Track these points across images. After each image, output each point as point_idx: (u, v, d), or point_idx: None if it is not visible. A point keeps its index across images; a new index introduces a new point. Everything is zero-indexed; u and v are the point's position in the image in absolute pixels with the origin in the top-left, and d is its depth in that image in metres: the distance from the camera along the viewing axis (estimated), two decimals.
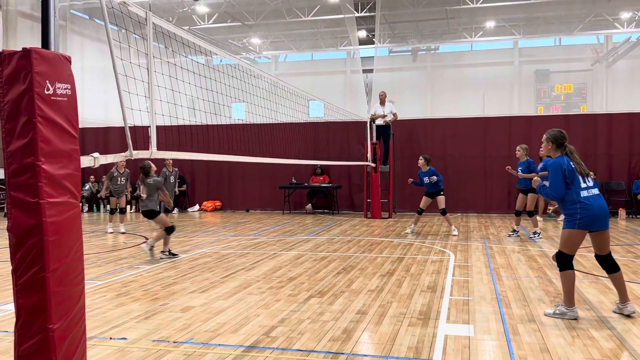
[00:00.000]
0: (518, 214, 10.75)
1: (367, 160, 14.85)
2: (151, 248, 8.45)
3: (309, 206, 16.60)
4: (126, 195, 12.82)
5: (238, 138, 16.47)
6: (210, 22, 23.45)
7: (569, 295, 5.14)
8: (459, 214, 15.30)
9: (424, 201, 11.48)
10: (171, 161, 12.94)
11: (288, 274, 7.23)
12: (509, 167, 10.95)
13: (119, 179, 12.31)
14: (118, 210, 12.37)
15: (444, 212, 11.37)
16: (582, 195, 5.09)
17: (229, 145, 15.70)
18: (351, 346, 4.40)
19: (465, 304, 5.69)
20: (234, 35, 26.75)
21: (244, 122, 17.67)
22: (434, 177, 11.16)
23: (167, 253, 8.68)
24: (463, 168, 15.39)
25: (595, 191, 5.17)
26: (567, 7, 22.22)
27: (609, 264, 5.25)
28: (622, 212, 14.21)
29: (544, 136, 5.43)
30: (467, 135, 15.92)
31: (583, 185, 5.12)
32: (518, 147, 10.62)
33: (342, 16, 21.91)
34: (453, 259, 8.40)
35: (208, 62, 8.82)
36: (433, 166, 11.60)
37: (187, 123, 7.86)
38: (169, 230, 8.56)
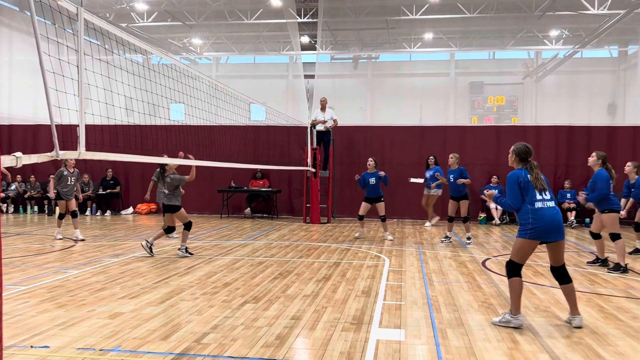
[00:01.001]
0: (451, 220, 11.08)
1: (307, 165, 14.90)
2: (185, 249, 9.04)
3: (247, 210, 16.47)
4: (76, 197, 11.60)
5: (175, 140, 16.15)
6: (149, 21, 22.91)
7: (514, 303, 5.19)
8: (395, 220, 15.59)
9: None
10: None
11: (223, 280, 7.13)
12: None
13: (69, 179, 11.06)
14: (71, 214, 11.12)
15: (383, 219, 11.62)
16: (535, 206, 5.20)
17: (165, 146, 15.38)
18: (284, 352, 4.39)
19: (398, 308, 5.80)
20: (174, 34, 26.25)
21: (183, 124, 17.37)
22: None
23: (184, 251, 9.01)
24: (400, 175, 15.70)
25: (551, 204, 5.24)
26: (501, 23, 23.19)
27: (561, 275, 5.34)
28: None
29: (511, 148, 5.58)
30: (404, 142, 16.28)
31: (538, 197, 5.22)
32: (451, 155, 11.04)
33: (284, 21, 21.93)
34: (388, 264, 8.55)
35: (146, 62, 8.61)
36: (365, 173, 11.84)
37: (122, 123, 7.62)
38: (188, 226, 9.10)
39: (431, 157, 14.43)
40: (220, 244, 10.63)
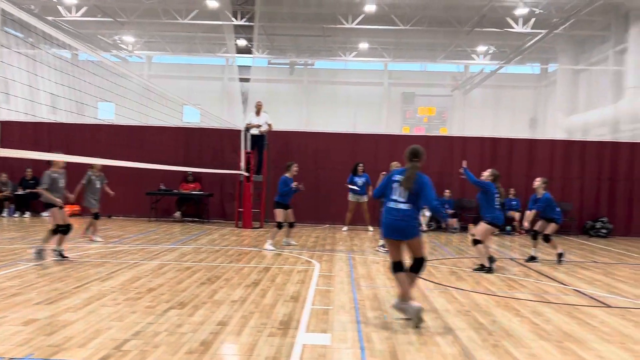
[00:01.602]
0: None
1: (240, 169, 14.76)
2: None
3: (177, 214, 16.09)
4: None
5: (103, 139, 15.58)
6: (78, 15, 22.00)
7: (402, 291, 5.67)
8: (327, 226, 15.71)
9: None
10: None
11: (148, 285, 6.93)
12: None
13: None
14: None
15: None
16: (386, 205, 5.67)
17: (92, 146, 14.79)
18: (208, 358, 4.32)
19: (325, 313, 5.85)
20: (105, 31, 25.38)
21: (111, 123, 16.78)
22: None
23: (56, 254, 8.51)
24: (333, 181, 15.84)
25: (400, 205, 5.55)
26: (432, 36, 23.99)
27: (415, 265, 5.74)
28: (471, 228, 15.49)
29: None
30: (338, 149, 16.46)
31: (393, 197, 5.63)
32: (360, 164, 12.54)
33: (220, 23, 21.69)
34: (318, 269, 8.60)
35: (74, 58, 8.27)
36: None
37: (46, 121, 7.26)
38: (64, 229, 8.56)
39: (360, 165, 14.65)
40: (147, 248, 10.32)
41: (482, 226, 9.03)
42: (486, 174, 9.49)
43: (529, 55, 25.99)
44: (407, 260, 5.77)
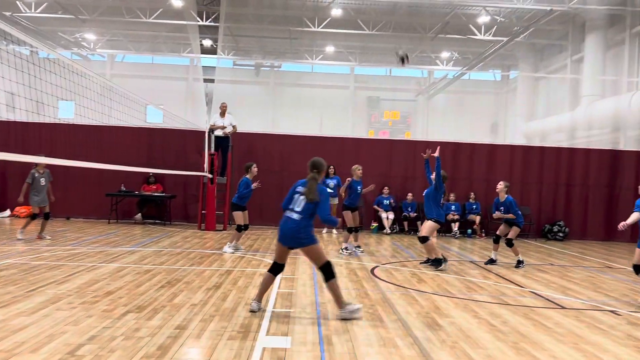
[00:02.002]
0: (356, 230, 11.21)
1: (204, 171, 14.60)
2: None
3: (138, 216, 15.79)
4: None
5: (62, 139, 15.18)
6: (37, 11, 21.44)
7: (260, 292, 6.03)
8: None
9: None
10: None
11: (105, 288, 6.78)
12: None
13: None
14: None
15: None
16: (285, 214, 5.98)
17: (51, 146, 14.40)
18: None
19: (287, 316, 5.84)
20: (66, 28, 24.78)
21: (71, 123, 16.36)
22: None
23: None
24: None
25: (294, 215, 5.86)
26: (397, 42, 24.27)
27: (324, 274, 5.87)
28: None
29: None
30: (304, 152, 16.39)
31: (290, 206, 5.95)
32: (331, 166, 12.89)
33: (184, 22, 21.44)
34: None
35: (33, 56, 8.03)
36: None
37: (1, 119, 7.02)
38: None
39: (331, 167, 14.69)
40: (106, 250, 10.10)
41: (429, 224, 9.52)
42: (500, 187, 10.44)
43: (491, 62, 26.59)
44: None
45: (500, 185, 10.53)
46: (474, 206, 15.97)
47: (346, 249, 10.99)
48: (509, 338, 5.41)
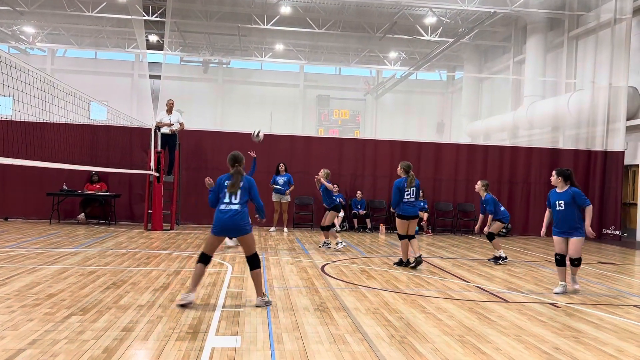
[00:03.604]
0: (328, 229, 11.67)
1: (150, 169, 14.27)
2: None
3: (81, 216, 15.28)
4: None
5: (0, 136, 14.47)
6: None
7: (192, 283, 6.29)
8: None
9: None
10: None
11: (47, 291, 6.52)
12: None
13: None
14: None
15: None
16: (218, 207, 6.25)
17: None
18: None
19: (237, 315, 5.79)
20: (3, 20, 23.65)
21: (9, 119, 15.65)
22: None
23: None
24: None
25: (231, 207, 6.18)
26: (346, 41, 24.50)
27: (250, 263, 6.30)
28: (382, 228, 15.98)
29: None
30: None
31: (225, 200, 6.22)
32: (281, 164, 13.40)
33: (129, 17, 20.88)
34: (230, 271, 8.50)
35: None
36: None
37: None
38: None
39: (282, 164, 14.80)
40: (47, 251, 9.73)
41: (398, 221, 9.64)
42: (478, 186, 10.83)
43: (437, 63, 27.19)
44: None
45: (478, 185, 10.92)
46: (422, 203, 16.30)
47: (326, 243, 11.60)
48: (455, 332, 5.56)
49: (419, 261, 9.44)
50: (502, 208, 10.85)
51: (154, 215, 14.16)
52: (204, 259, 6.30)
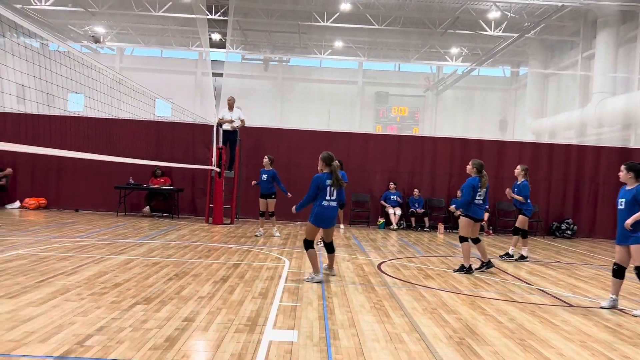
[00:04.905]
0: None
1: (212, 165, 14.64)
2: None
3: (146, 209, 15.86)
4: None
5: (72, 132, 15.25)
6: (47, 4, 21.50)
7: (314, 267, 7.47)
8: (298, 223, 15.65)
9: None
10: None
11: (114, 280, 6.82)
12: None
13: None
14: None
15: (271, 215, 12.51)
16: (321, 203, 7.37)
17: (60, 138, 14.46)
18: (173, 354, 4.28)
19: (293, 310, 5.85)
20: (75, 21, 24.86)
21: (80, 115, 16.44)
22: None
23: None
24: (307, 178, 15.82)
25: (331, 203, 7.41)
26: (406, 37, 24.19)
27: (329, 247, 7.84)
28: (441, 227, 15.71)
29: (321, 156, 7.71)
30: (311, 147, 16.38)
31: (327, 197, 7.36)
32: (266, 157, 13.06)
33: (193, 16, 21.46)
34: (288, 266, 8.59)
35: (43, 48, 8.04)
36: (278, 174, 12.18)
37: (12, 111, 7.06)
38: None
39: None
40: (115, 242, 10.17)
41: (462, 220, 9.20)
42: (518, 170, 10.79)
43: (501, 58, 26.43)
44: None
45: (518, 169, 10.87)
46: (486, 205, 15.90)
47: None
48: (516, 335, 5.40)
49: (489, 265, 9.11)
50: (529, 201, 10.77)
51: (215, 210, 14.52)
52: (311, 245, 7.44)
